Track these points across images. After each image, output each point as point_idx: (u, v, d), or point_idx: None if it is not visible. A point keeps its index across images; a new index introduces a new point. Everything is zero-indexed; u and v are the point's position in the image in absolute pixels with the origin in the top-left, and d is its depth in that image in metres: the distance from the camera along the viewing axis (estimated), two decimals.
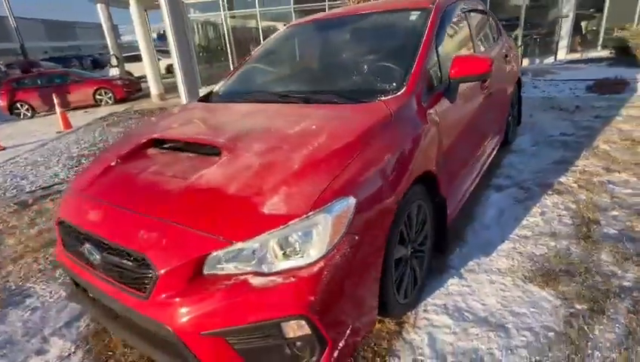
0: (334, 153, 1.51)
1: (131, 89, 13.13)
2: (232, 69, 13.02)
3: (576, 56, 11.36)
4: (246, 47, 13.62)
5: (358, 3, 6.66)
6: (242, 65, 2.90)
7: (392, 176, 1.58)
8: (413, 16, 2.47)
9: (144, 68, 12.45)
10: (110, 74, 14.92)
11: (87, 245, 1.53)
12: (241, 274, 1.30)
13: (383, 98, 1.91)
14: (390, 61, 2.22)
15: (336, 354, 1.38)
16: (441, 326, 1.83)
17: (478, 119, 2.68)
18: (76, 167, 5.31)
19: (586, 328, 1.71)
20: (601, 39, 12.26)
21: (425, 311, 1.93)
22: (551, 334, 1.71)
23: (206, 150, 1.74)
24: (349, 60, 2.44)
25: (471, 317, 1.86)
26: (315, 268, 1.29)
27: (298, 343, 1.35)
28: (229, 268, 1.31)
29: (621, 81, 5.94)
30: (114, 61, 15.18)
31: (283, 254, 1.31)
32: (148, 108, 10.38)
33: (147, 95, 12.87)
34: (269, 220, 1.30)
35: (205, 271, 1.32)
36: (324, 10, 12.80)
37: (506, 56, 3.55)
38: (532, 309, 1.86)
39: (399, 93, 1.93)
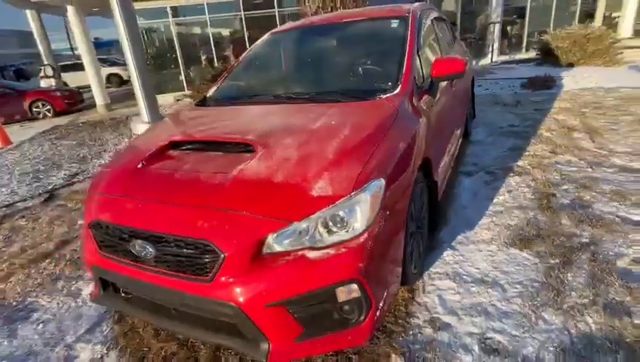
0: (361, 143, 1.75)
1: (72, 100, 12.35)
2: (182, 76, 12.86)
3: (505, 57, 12.64)
4: (196, 54, 13.42)
5: (318, 9, 6.96)
6: (233, 71, 3.04)
7: (407, 161, 1.85)
8: (394, 23, 2.79)
9: (82, 78, 11.71)
10: (42, 85, 13.82)
11: (138, 241, 1.62)
12: (298, 250, 1.49)
13: (383, 96, 2.18)
14: (382, 63, 2.51)
15: (378, 313, 1.62)
16: (447, 289, 2.13)
17: (450, 112, 3.06)
18: (36, 182, 5.03)
19: (561, 276, 2.11)
20: (525, 42, 13.79)
21: (430, 278, 2.23)
22: (536, 284, 2.07)
23: (234, 148, 1.89)
24: (344, 63, 2.69)
25: (469, 279, 2.18)
26: (361, 239, 1.51)
27: (346, 307, 1.56)
28: (287, 245, 1.49)
29: (550, 79, 6.81)
30: (49, 71, 14.12)
31: (332, 229, 1.51)
32: (97, 120, 9.88)
33: (91, 106, 12.20)
34: (319, 201, 1.50)
35: (265, 251, 1.49)
36: (274, 16, 13.03)
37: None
38: (517, 267, 2.23)
39: (396, 92, 2.21)
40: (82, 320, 2.25)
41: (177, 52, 12.91)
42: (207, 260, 1.49)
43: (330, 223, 1.52)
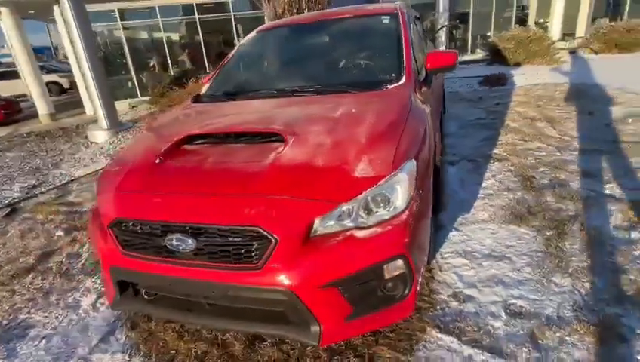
0: (387, 127, 1.81)
1: (10, 110, 11.32)
2: (135, 82, 12.24)
3: None
4: (148, 59, 12.87)
5: (284, 10, 6.98)
6: (224, 69, 2.99)
7: (426, 144, 1.95)
8: (385, 19, 2.90)
9: (15, 86, 10.67)
10: None
11: (175, 235, 1.56)
12: (347, 230, 1.52)
13: (390, 86, 2.27)
14: (382, 56, 2.61)
15: (418, 288, 1.69)
16: (461, 266, 2.25)
17: (436, 103, 3.24)
18: None
19: (559, 245, 2.31)
20: (469, 45, 14.80)
21: (443, 258, 2.34)
22: (540, 254, 2.26)
23: (257, 138, 1.87)
24: (342, 57, 2.75)
25: (479, 255, 2.32)
26: (403, 217, 1.58)
27: (391, 283, 1.61)
28: (335, 226, 1.51)
29: (502, 76, 7.37)
30: None
31: (374, 209, 1.56)
32: (43, 130, 9.13)
33: (31, 116, 11.27)
34: (363, 182, 1.55)
35: (314, 233, 1.50)
36: (230, 20, 12.86)
37: None
38: (519, 241, 2.41)
39: (402, 82, 2.31)
40: (91, 331, 2.10)
41: (127, 57, 12.30)
42: (257, 247, 1.48)
43: (373, 203, 1.57)
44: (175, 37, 13.13)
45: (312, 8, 7.12)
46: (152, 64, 12.92)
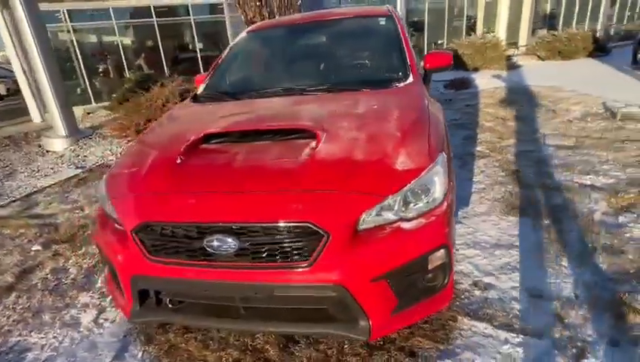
0: (416, 122, 1.85)
1: None
2: (87, 87, 11.48)
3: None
4: (101, 63, 12.14)
5: (255, 14, 6.90)
6: (219, 70, 2.89)
7: (446, 138, 2.01)
8: (382, 20, 2.97)
9: None
10: None
11: (215, 236, 1.48)
12: (393, 223, 1.52)
13: (400, 84, 2.32)
14: (386, 56, 2.66)
15: (454, 276, 1.73)
16: (474, 256, 2.34)
17: None
18: None
19: (557, 229, 2.47)
20: (425, 50, 15.52)
21: (456, 249, 2.42)
22: (545, 240, 2.40)
23: (284, 135, 1.83)
24: (345, 56, 2.77)
25: (488, 245, 2.42)
26: (443, 207, 1.61)
27: (432, 274, 1.63)
28: (382, 220, 1.51)
29: (466, 80, 7.79)
30: None
31: (415, 201, 1.58)
32: None
33: None
34: (406, 174, 1.56)
35: (361, 227, 1.49)
36: (189, 24, 12.51)
37: None
38: (521, 230, 2.55)
39: (411, 80, 2.37)
40: (101, 349, 1.93)
41: (78, 61, 11.53)
42: (307, 243, 1.44)
43: (414, 195, 1.58)
44: (131, 41, 12.51)
45: (283, 13, 7.11)
46: (105, 69, 12.20)
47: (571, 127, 4.56)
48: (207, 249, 1.50)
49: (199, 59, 12.80)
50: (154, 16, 11.87)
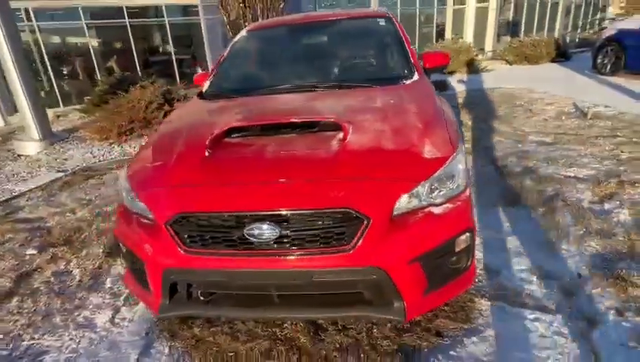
0: (434, 114, 1.96)
1: None
2: (55, 88, 10.97)
3: None
4: (70, 65, 11.64)
5: (238, 16, 6.88)
6: (222, 68, 2.90)
7: (458, 129, 2.12)
8: (381, 21, 3.08)
9: None
10: None
11: (256, 225, 1.51)
12: (424, 208, 1.61)
13: (407, 81, 2.43)
14: (391, 54, 2.77)
15: (475, 260, 1.83)
16: (478, 243, 2.47)
17: None
18: None
19: (551, 218, 2.66)
20: None
21: None
22: (542, 227, 2.57)
23: (308, 127, 1.88)
24: (352, 55, 2.86)
25: (494, 232, 2.56)
26: (467, 193, 1.72)
27: (457, 256, 1.73)
28: (416, 204, 1.59)
29: (444, 82, 8.10)
30: None
31: (443, 186, 1.67)
32: None
33: None
34: (435, 162, 1.65)
35: (396, 212, 1.57)
36: (164, 25, 12.26)
37: None
38: (520, 219, 2.71)
39: (416, 78, 2.48)
40: (124, 348, 1.89)
41: (45, 62, 11.01)
42: (347, 228, 1.50)
43: (440, 182, 1.67)
44: (102, 42, 12.08)
45: (266, 16, 7.14)
46: (73, 71, 11.72)
47: (548, 125, 4.87)
48: (248, 237, 1.53)
49: (174, 61, 12.56)
50: (126, 17, 11.55)
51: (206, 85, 2.81)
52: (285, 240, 1.52)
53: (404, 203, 1.57)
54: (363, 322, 1.86)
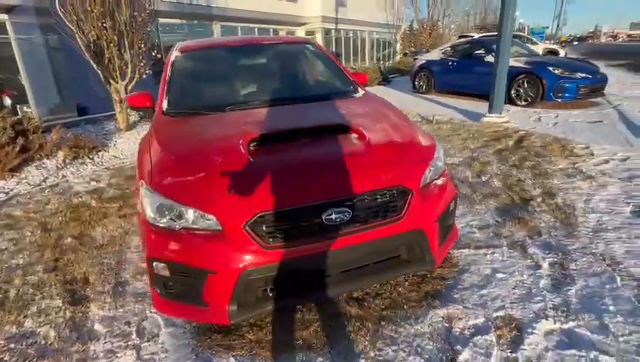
0: (406, 118, 2.55)
1: None
2: None
3: None
4: None
5: (101, 38, 6.19)
6: (173, 88, 2.84)
7: None
8: (309, 46, 3.56)
9: None
10: None
11: (332, 210, 1.76)
12: (433, 181, 2.15)
13: (357, 95, 2.98)
14: (334, 75, 3.25)
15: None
16: None
17: None
18: None
19: (532, 210, 3.60)
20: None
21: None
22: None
23: (320, 133, 2.21)
24: (295, 75, 3.24)
25: None
26: (447, 171, 2.35)
27: (449, 217, 2.31)
28: (430, 178, 2.12)
29: None
30: None
31: (436, 165, 2.25)
32: None
33: None
34: (432, 148, 2.22)
35: (422, 184, 2.05)
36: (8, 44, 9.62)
37: None
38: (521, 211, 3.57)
39: (364, 92, 3.06)
40: (173, 351, 1.78)
41: None
42: (398, 201, 1.91)
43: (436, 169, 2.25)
44: None
45: (131, 33, 6.65)
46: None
47: None
48: (325, 222, 1.77)
49: None
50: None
51: (164, 104, 2.70)
52: (354, 219, 1.83)
53: (426, 177, 2.09)
54: (389, 286, 2.27)
